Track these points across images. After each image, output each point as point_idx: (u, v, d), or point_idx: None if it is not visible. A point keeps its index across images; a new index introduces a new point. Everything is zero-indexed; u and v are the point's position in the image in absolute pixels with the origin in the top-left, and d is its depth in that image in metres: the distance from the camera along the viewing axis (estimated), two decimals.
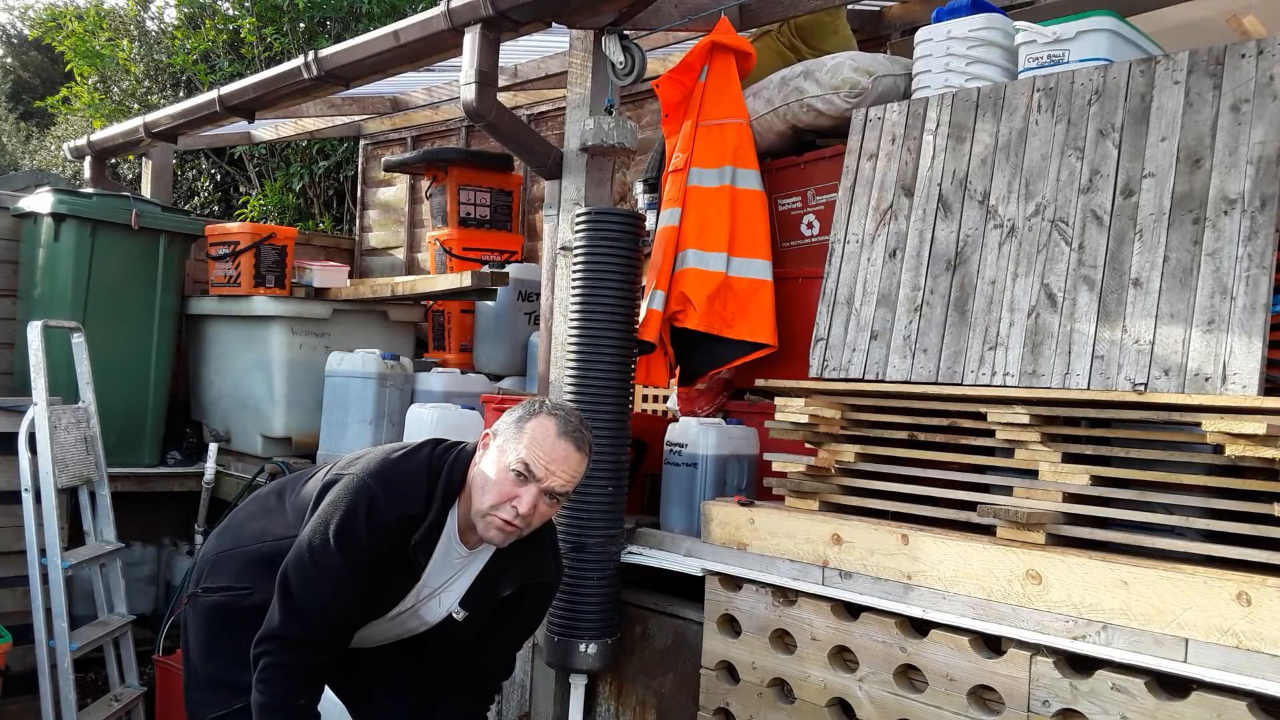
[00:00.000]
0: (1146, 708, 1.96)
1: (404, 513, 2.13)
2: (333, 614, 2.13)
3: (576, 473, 2.17)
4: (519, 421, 2.16)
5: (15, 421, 3.86)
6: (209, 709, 2.25)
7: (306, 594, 2.10)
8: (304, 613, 2.10)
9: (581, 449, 2.17)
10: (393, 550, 2.14)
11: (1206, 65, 2.28)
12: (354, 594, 2.14)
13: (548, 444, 2.12)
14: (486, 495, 2.13)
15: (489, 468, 2.15)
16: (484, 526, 2.15)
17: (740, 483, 2.99)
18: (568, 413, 2.20)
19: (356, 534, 2.09)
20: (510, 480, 2.12)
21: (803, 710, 2.51)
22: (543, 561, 2.34)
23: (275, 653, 2.11)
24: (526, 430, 2.13)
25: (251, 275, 4.80)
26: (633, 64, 3.12)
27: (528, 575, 2.31)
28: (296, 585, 2.11)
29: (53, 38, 9.24)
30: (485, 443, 2.20)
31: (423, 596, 2.27)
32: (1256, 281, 2.10)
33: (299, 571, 2.11)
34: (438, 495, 2.16)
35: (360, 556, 2.10)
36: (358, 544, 2.09)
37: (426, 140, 6.36)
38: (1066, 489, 2.21)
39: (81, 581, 4.25)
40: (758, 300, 3.04)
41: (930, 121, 2.71)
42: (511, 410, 2.22)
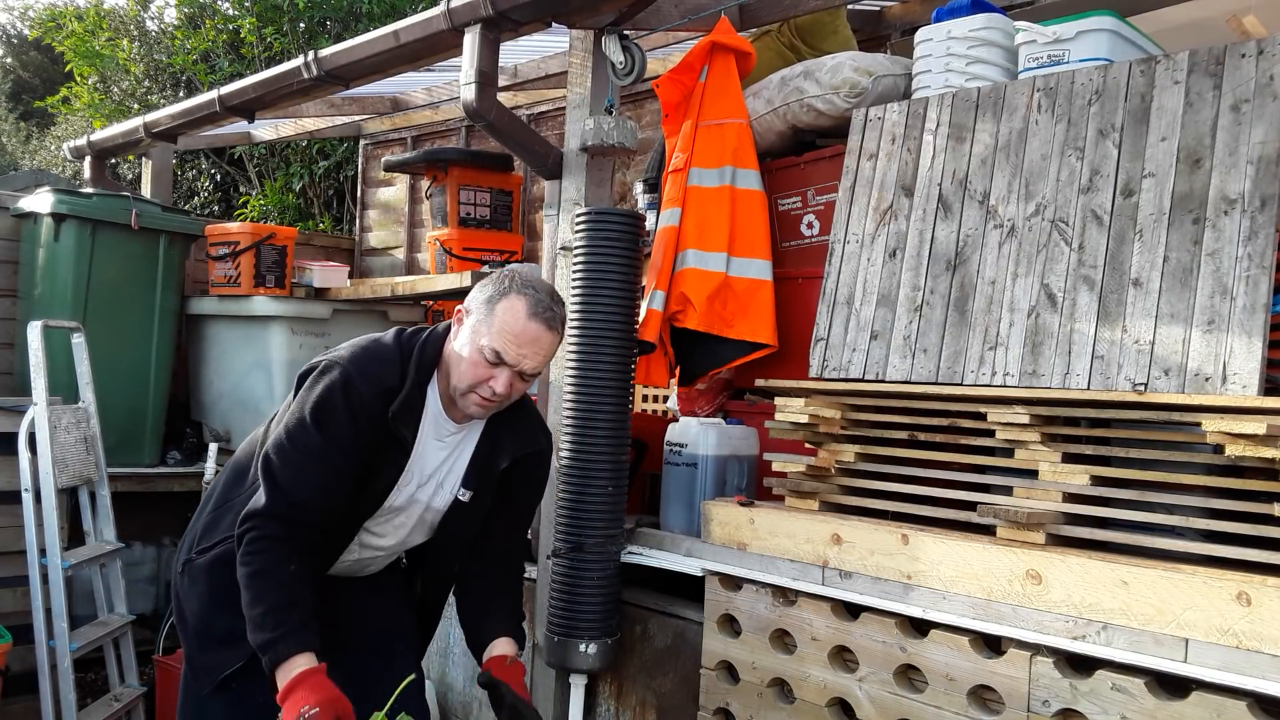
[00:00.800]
0: (1146, 708, 1.96)
1: (381, 386, 2.13)
2: (316, 489, 2.10)
3: (549, 352, 2.18)
4: (489, 301, 2.15)
5: (15, 421, 3.86)
6: (222, 667, 2.19)
7: (288, 471, 2.08)
8: (287, 489, 2.07)
9: (553, 328, 2.16)
10: (375, 426, 2.13)
11: (1206, 65, 2.28)
12: (337, 470, 2.11)
13: (518, 327, 2.12)
14: (462, 376, 2.15)
15: (463, 348, 2.16)
16: (463, 403, 2.18)
17: (740, 483, 2.99)
18: (538, 289, 2.17)
19: (334, 409, 2.09)
20: (483, 363, 2.13)
21: (803, 710, 2.51)
22: (532, 430, 2.36)
23: (260, 527, 2.07)
24: (497, 312, 2.13)
25: (251, 275, 4.80)
26: (633, 64, 3.12)
27: (521, 446, 2.32)
28: (278, 464, 2.09)
29: (53, 38, 9.24)
30: (459, 318, 2.20)
31: (425, 484, 2.27)
32: (1256, 281, 2.10)
33: (279, 452, 2.10)
34: (411, 369, 2.17)
35: (339, 430, 2.10)
36: (336, 419, 2.09)
37: (426, 140, 6.36)
38: (1066, 489, 2.21)
39: (81, 581, 4.25)
40: (758, 300, 3.04)
41: (930, 121, 2.71)
42: (483, 285, 2.21)
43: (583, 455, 2.89)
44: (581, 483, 2.89)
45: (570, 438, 2.91)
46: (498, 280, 2.19)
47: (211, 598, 2.24)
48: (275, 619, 2.03)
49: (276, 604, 2.05)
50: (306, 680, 1.99)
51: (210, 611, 2.24)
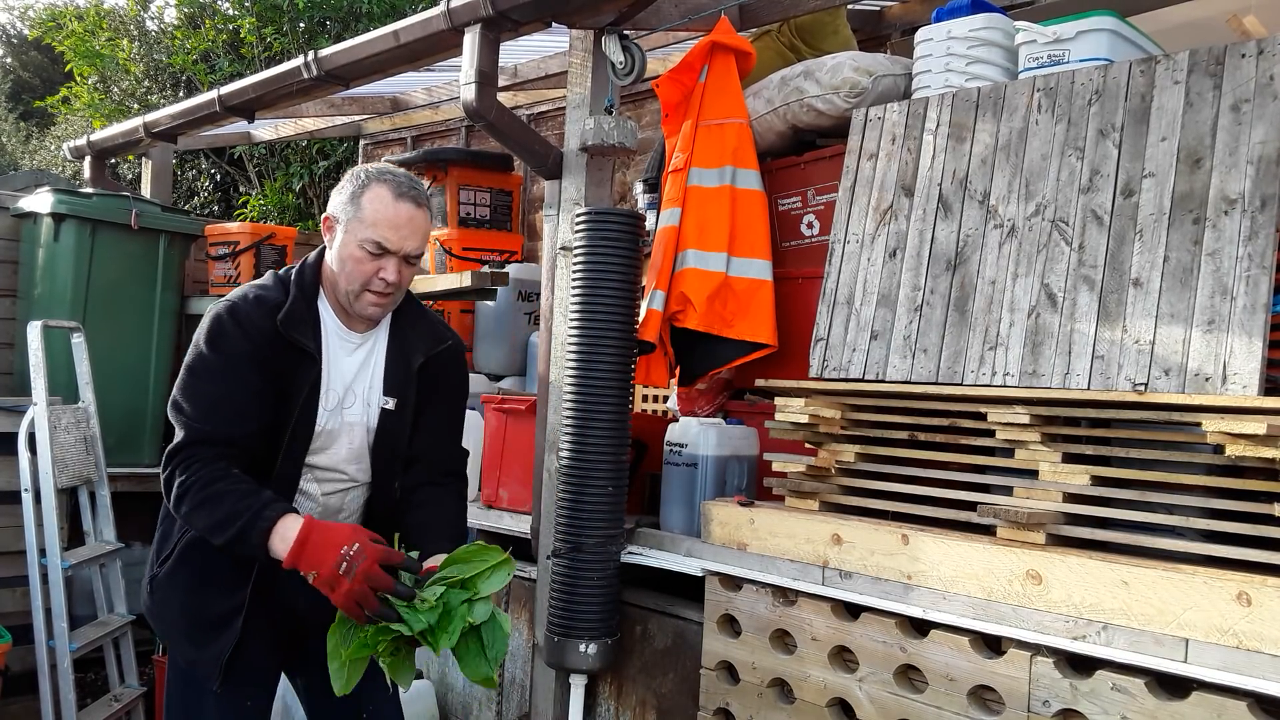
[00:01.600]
0: (1147, 708, 1.96)
1: (265, 305, 2.14)
2: (227, 407, 2.08)
3: (426, 230, 2.20)
4: (352, 199, 2.16)
5: (15, 421, 3.87)
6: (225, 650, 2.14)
7: (195, 398, 2.09)
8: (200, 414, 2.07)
9: (421, 204, 2.18)
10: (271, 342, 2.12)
11: (1206, 65, 2.28)
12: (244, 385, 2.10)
13: (389, 212, 2.13)
14: (351, 277, 2.16)
15: (343, 253, 2.16)
16: (359, 307, 2.19)
17: (740, 483, 2.99)
18: (394, 173, 2.19)
19: (224, 333, 2.11)
20: (368, 258, 2.14)
21: (803, 710, 2.51)
22: (435, 328, 2.37)
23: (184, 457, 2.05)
24: (364, 205, 2.14)
25: (251, 275, 4.80)
26: (633, 64, 3.12)
27: (430, 342, 2.34)
28: (184, 398, 2.09)
29: (53, 38, 9.24)
30: (329, 228, 2.21)
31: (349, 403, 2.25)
32: (1256, 281, 2.10)
33: (182, 388, 2.11)
34: (293, 288, 2.19)
35: (234, 347, 2.10)
36: (228, 339, 2.10)
37: (426, 140, 6.36)
38: (1066, 489, 2.21)
39: (81, 581, 4.25)
40: (758, 300, 3.04)
41: (930, 121, 2.71)
42: (339, 189, 2.21)
43: (583, 455, 2.89)
44: (581, 483, 2.89)
45: (570, 438, 2.91)
46: (353, 178, 2.20)
47: (189, 591, 2.21)
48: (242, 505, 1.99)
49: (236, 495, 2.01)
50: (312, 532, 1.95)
51: (194, 602, 2.21)
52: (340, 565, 1.90)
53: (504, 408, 3.53)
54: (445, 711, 3.59)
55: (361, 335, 2.27)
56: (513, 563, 1.99)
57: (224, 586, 2.19)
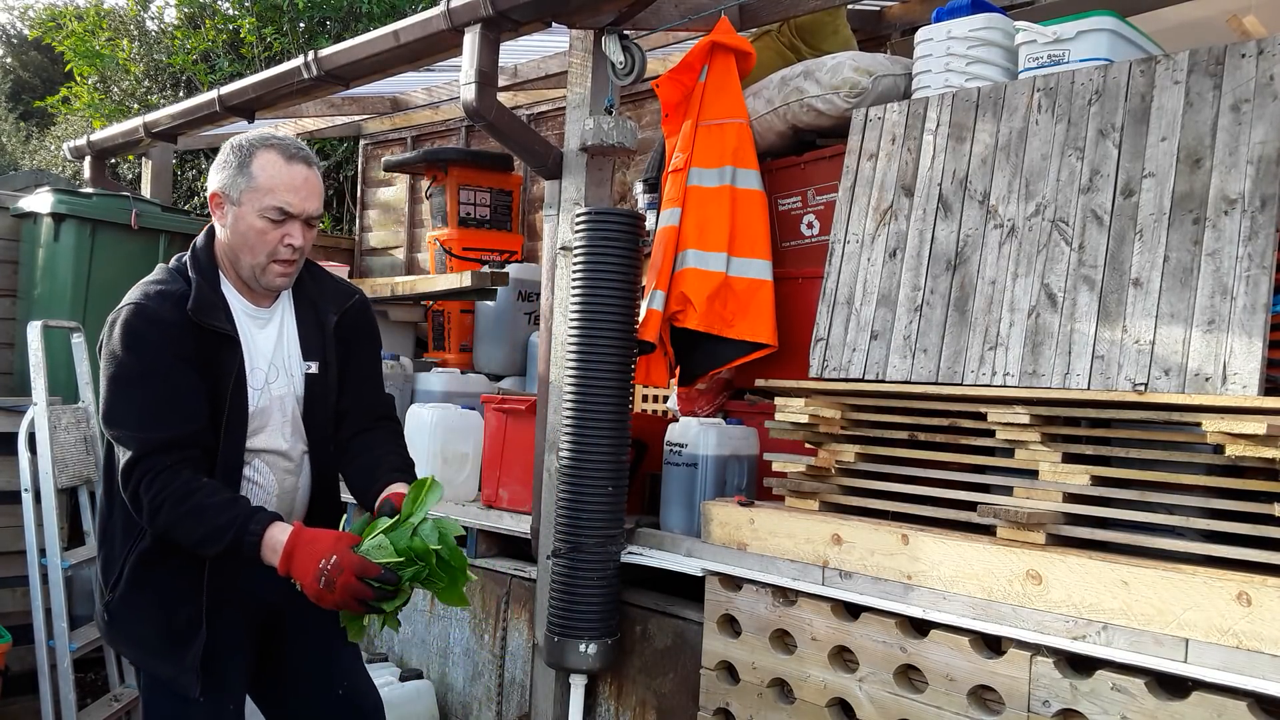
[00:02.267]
0: (1147, 708, 1.96)
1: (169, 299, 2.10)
2: (167, 410, 2.04)
3: (321, 190, 2.18)
4: (241, 170, 2.11)
5: (15, 421, 3.87)
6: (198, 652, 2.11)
7: (131, 409, 2.04)
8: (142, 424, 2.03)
9: (311, 164, 2.16)
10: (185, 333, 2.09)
11: (1206, 65, 2.28)
12: (174, 385, 2.06)
13: (283, 174, 2.10)
14: (254, 249, 2.13)
15: (241, 227, 2.12)
16: (266, 278, 2.17)
17: (740, 483, 2.99)
18: (279, 137, 2.16)
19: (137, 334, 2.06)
20: (271, 226, 2.11)
21: (803, 710, 2.51)
22: (337, 285, 2.38)
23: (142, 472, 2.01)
24: (255, 173, 2.10)
25: None
26: (633, 64, 3.12)
27: (339, 300, 2.34)
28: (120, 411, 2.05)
29: (53, 38, 9.24)
30: (217, 205, 2.16)
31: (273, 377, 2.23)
32: (1256, 281, 2.10)
33: (112, 400, 2.06)
34: (192, 274, 2.15)
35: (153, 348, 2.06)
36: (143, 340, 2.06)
37: (426, 140, 6.36)
38: (1066, 489, 2.21)
39: (81, 581, 4.24)
40: (758, 300, 3.04)
41: (930, 121, 2.71)
42: (222, 166, 2.15)
43: (582, 455, 2.89)
44: (581, 483, 2.89)
45: (570, 438, 2.91)
46: (235, 149, 2.14)
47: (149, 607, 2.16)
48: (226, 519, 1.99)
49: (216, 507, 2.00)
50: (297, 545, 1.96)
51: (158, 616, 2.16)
52: (320, 580, 1.94)
53: (504, 408, 3.53)
54: (445, 711, 3.59)
55: (269, 309, 2.26)
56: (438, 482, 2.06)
57: (182, 594, 2.15)
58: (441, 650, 3.64)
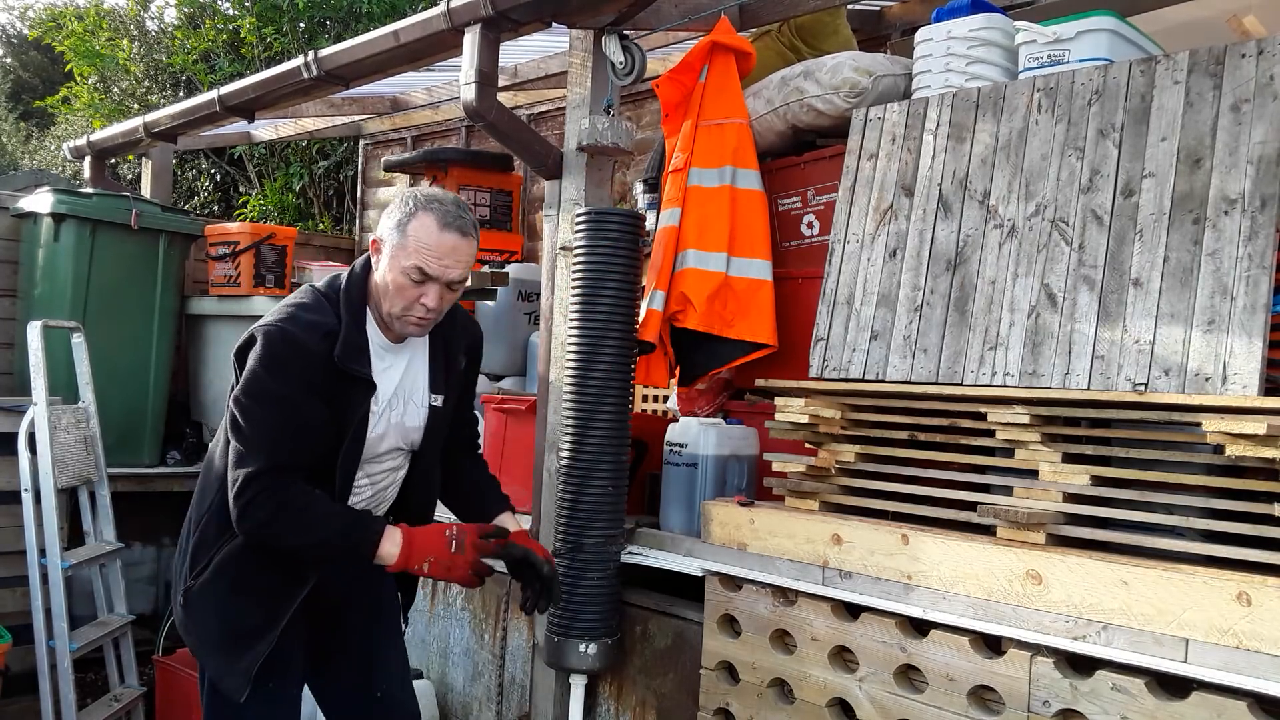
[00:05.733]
0: (1147, 708, 1.96)
1: (320, 331, 2.17)
2: (290, 436, 2.14)
3: (469, 257, 2.24)
4: (399, 226, 2.19)
5: (15, 421, 3.86)
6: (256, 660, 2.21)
7: (260, 427, 2.12)
8: (264, 443, 2.11)
9: (467, 234, 2.20)
10: (326, 370, 2.15)
11: (1206, 65, 2.28)
12: (304, 415, 2.14)
13: (433, 242, 2.16)
14: (394, 301, 2.21)
15: (387, 275, 2.20)
16: (401, 326, 2.26)
17: (740, 483, 2.99)
18: (443, 201, 2.21)
19: (282, 359, 2.12)
20: (410, 285, 2.18)
21: (803, 710, 2.51)
22: (468, 325, 2.50)
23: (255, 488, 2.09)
24: (410, 233, 2.17)
25: (251, 275, 4.80)
26: (633, 64, 3.12)
27: (469, 341, 2.47)
28: (249, 424, 2.12)
29: (53, 38, 9.23)
30: (376, 249, 2.24)
31: (394, 407, 2.31)
32: (1257, 281, 2.10)
33: (244, 412, 2.12)
34: (343, 308, 2.22)
35: (293, 375, 2.13)
36: (287, 367, 2.12)
37: (426, 140, 6.36)
38: (1066, 489, 2.21)
39: (81, 581, 4.25)
40: (758, 300, 3.04)
41: (930, 121, 2.71)
42: (389, 212, 2.24)
43: (583, 455, 2.89)
44: (581, 483, 2.89)
45: (570, 438, 2.91)
46: (403, 203, 2.23)
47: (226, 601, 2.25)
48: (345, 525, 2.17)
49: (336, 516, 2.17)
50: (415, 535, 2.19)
51: (231, 613, 2.25)
52: (450, 545, 2.20)
53: (504, 408, 3.53)
54: (445, 712, 3.59)
55: (405, 344, 2.34)
56: None
57: (261, 596, 2.24)
58: (441, 650, 3.64)
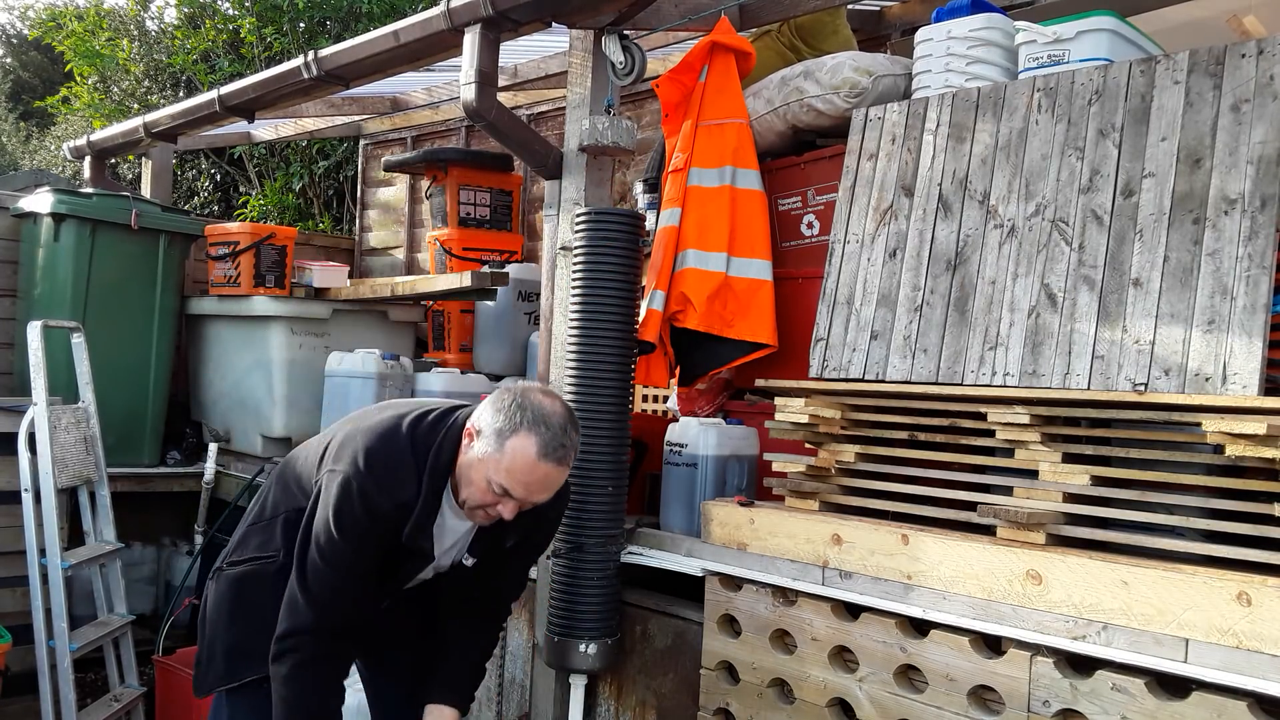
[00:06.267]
0: (1147, 708, 1.96)
1: (396, 500, 2.14)
2: (349, 599, 2.17)
3: (558, 484, 2.16)
4: (500, 436, 2.08)
5: (15, 421, 3.86)
6: (221, 681, 2.27)
7: (321, 585, 2.14)
8: (322, 602, 2.13)
9: (564, 463, 2.12)
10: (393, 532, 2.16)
11: (1206, 65, 2.28)
12: (365, 575, 2.19)
13: (527, 469, 2.07)
14: (471, 496, 2.14)
15: (472, 468, 2.12)
16: (470, 515, 2.20)
17: (740, 483, 2.99)
18: (550, 425, 2.09)
19: (357, 522, 2.13)
20: (490, 494, 2.11)
21: (803, 710, 2.51)
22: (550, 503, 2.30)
23: (300, 648, 2.13)
24: (506, 450, 2.07)
25: (251, 275, 4.79)
26: (633, 64, 3.12)
27: (530, 525, 2.31)
28: (311, 579, 2.14)
29: (53, 38, 9.23)
30: (469, 436, 2.16)
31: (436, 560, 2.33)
32: (1256, 281, 2.10)
33: (311, 567, 2.14)
34: (426, 482, 2.16)
35: (365, 540, 2.15)
36: (358, 529, 2.13)
37: (426, 140, 6.36)
38: (1066, 489, 2.21)
39: (81, 581, 4.25)
40: (758, 300, 3.04)
41: (930, 121, 2.71)
42: (495, 408, 2.12)
43: (583, 455, 2.89)
44: (581, 483, 2.89)
45: None
46: (510, 410, 2.10)
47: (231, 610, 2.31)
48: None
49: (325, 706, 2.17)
50: None
51: (225, 623, 2.31)
52: None
53: None
54: None
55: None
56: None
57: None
58: None
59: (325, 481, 2.19)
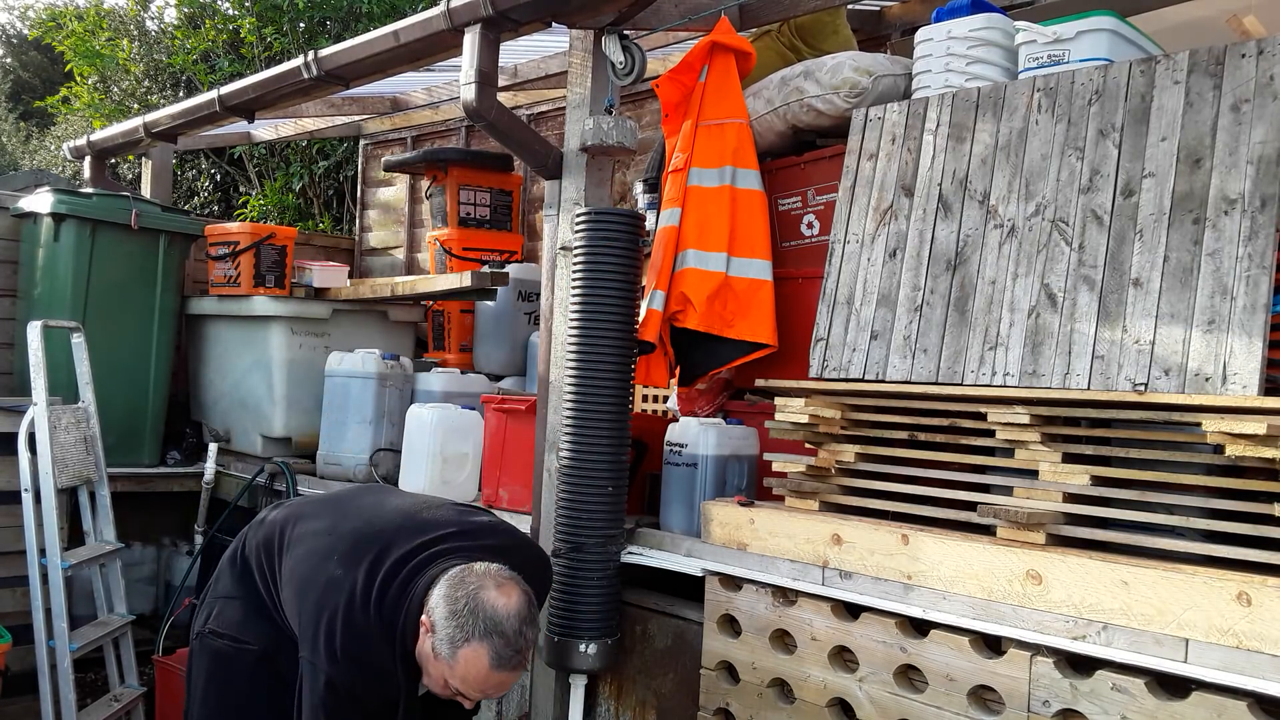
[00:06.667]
0: (1147, 708, 1.96)
1: (384, 696, 2.19)
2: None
3: (513, 682, 2.15)
4: (452, 644, 2.06)
5: (15, 421, 3.86)
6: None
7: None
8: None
9: (519, 668, 2.11)
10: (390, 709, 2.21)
11: (1206, 65, 2.28)
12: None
13: (480, 679, 2.08)
14: (430, 684, 2.17)
15: (428, 664, 2.13)
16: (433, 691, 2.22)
17: (740, 483, 2.99)
18: (503, 632, 2.06)
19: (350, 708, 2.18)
20: (448, 690, 2.14)
21: (803, 710, 2.51)
22: None
23: None
24: (459, 660, 2.07)
25: (251, 275, 4.80)
26: (633, 64, 3.12)
27: None
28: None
29: (53, 38, 9.23)
30: (425, 626, 2.12)
31: None
32: (1256, 281, 2.10)
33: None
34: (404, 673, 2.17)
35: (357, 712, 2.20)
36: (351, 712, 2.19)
37: (426, 140, 6.36)
38: (1066, 489, 2.21)
39: (81, 581, 4.25)
40: (758, 300, 3.04)
41: (930, 121, 2.71)
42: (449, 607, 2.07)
43: (583, 455, 2.89)
44: (581, 483, 2.89)
45: (570, 438, 2.91)
46: (463, 615, 2.06)
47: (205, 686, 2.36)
48: None
49: None
50: None
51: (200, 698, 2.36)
52: None
53: (504, 408, 3.53)
54: None
55: None
56: None
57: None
58: None
59: (305, 673, 2.18)
